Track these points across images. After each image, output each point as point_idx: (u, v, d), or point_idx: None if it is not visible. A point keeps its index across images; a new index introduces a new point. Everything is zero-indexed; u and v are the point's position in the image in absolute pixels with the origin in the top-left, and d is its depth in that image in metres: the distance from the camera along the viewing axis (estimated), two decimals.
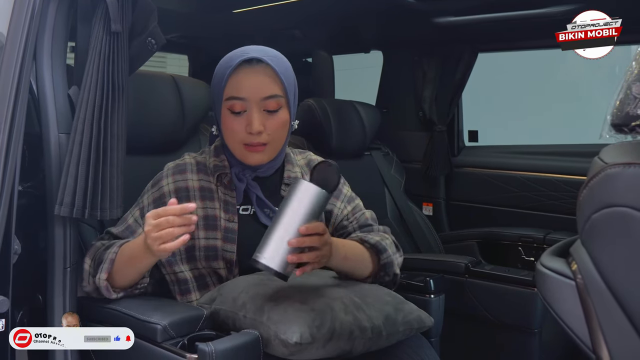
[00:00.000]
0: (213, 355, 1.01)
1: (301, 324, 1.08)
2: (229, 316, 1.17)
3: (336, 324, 1.11)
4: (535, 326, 1.76)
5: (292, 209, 1.08)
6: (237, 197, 1.33)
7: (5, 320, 1.14)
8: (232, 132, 1.30)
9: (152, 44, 1.27)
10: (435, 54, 2.61)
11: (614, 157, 0.64)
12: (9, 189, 1.14)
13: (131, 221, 1.32)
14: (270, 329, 1.09)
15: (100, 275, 1.19)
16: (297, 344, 1.06)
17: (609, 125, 0.71)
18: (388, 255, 1.32)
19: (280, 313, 1.10)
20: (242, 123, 1.28)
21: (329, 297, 1.17)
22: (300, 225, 1.07)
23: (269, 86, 1.28)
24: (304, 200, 1.08)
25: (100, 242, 1.29)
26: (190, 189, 1.33)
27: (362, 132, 2.39)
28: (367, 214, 1.45)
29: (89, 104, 1.19)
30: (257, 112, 1.27)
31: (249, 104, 1.27)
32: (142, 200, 1.34)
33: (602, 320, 0.63)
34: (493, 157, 2.62)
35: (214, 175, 1.35)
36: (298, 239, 1.07)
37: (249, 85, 1.27)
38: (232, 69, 1.27)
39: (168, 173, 1.35)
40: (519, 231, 2.27)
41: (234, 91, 1.28)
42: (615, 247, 0.62)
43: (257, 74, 1.28)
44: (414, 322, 1.26)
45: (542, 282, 0.71)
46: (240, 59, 1.27)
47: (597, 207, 0.62)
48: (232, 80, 1.28)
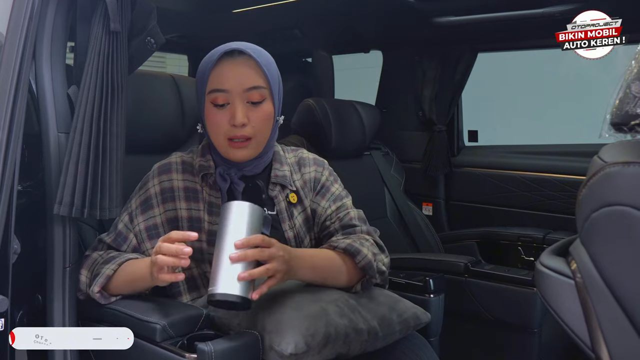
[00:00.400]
0: (212, 355, 1.01)
1: (295, 333, 1.07)
2: (224, 323, 1.17)
3: (331, 329, 1.10)
4: (535, 326, 1.76)
5: (229, 231, 1.06)
6: (222, 197, 1.31)
7: (5, 319, 1.14)
8: (215, 126, 1.27)
9: (152, 44, 1.27)
10: (435, 54, 2.61)
11: (614, 156, 0.64)
12: (8, 188, 1.14)
13: (121, 227, 1.30)
14: (265, 339, 1.09)
15: (94, 288, 1.20)
16: (292, 355, 1.05)
17: (608, 124, 0.71)
18: (363, 256, 1.24)
19: (274, 323, 1.09)
20: (226, 116, 1.26)
21: (324, 301, 1.16)
22: None
23: (252, 77, 1.26)
24: (237, 219, 1.06)
25: (96, 253, 1.28)
26: (175, 189, 1.32)
27: (362, 132, 2.39)
28: (352, 213, 1.38)
29: (88, 103, 1.19)
30: (240, 104, 1.25)
31: (232, 96, 1.25)
32: (130, 205, 1.33)
33: (601, 319, 0.62)
34: (493, 157, 2.62)
35: (199, 175, 1.33)
36: (238, 254, 1.04)
37: (231, 76, 1.25)
38: (214, 62, 1.25)
39: (154, 174, 1.34)
40: (519, 231, 2.27)
41: (217, 84, 1.26)
42: (614, 246, 0.62)
43: (239, 65, 1.26)
44: (410, 320, 1.26)
45: (542, 281, 0.71)
46: (222, 52, 1.26)
47: (596, 206, 0.62)
48: (214, 73, 1.26)
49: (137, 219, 1.30)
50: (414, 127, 2.73)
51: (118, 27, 1.20)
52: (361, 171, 2.42)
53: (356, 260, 1.24)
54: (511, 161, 2.55)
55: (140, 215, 1.30)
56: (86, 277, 1.24)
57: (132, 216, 1.31)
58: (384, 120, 2.61)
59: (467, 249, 2.37)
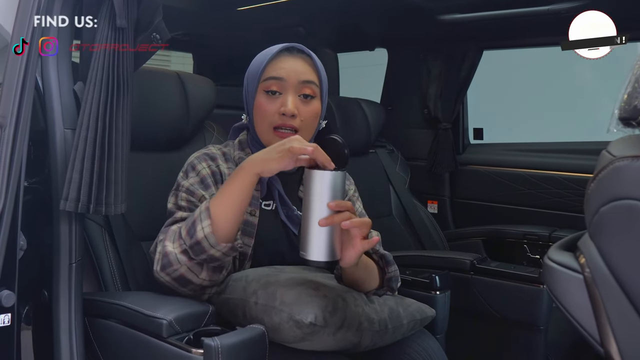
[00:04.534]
0: (219, 350, 1.01)
1: (315, 306, 1.08)
2: (239, 305, 1.17)
3: (347, 313, 1.12)
4: (541, 323, 1.76)
5: (315, 200, 1.06)
6: (261, 189, 1.33)
7: (12, 314, 1.14)
8: (264, 113, 1.29)
9: (157, 39, 1.27)
10: (440, 52, 2.61)
11: (623, 150, 0.63)
12: (15, 184, 1.14)
13: (184, 203, 1.26)
14: (283, 311, 1.09)
15: (204, 223, 1.11)
16: (311, 324, 1.06)
17: (616, 119, 0.71)
18: (395, 270, 1.28)
19: (294, 296, 1.10)
20: (276, 105, 1.28)
21: (339, 289, 1.17)
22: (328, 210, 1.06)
23: (308, 72, 1.31)
24: (323, 188, 1.06)
25: (175, 225, 1.22)
26: (222, 174, 1.32)
27: (367, 129, 2.39)
28: (373, 233, 1.37)
29: (94, 100, 1.19)
30: (292, 95, 1.28)
31: (286, 86, 1.29)
32: (182, 185, 1.29)
33: (610, 313, 0.62)
34: (498, 154, 2.62)
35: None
36: (327, 218, 1.04)
37: (289, 67, 1.29)
38: (274, 54, 1.30)
39: (199, 160, 1.33)
40: (524, 229, 2.27)
41: (273, 72, 1.29)
42: (623, 240, 0.61)
43: (297, 59, 1.31)
44: (416, 314, 1.28)
45: (550, 276, 0.71)
46: (282, 47, 1.31)
47: (605, 200, 0.62)
48: (272, 63, 1.30)
49: (198, 192, 1.27)
50: (419, 125, 2.73)
51: (124, 23, 1.20)
52: (366, 169, 2.42)
53: (388, 270, 1.27)
54: (517, 159, 2.54)
55: (201, 190, 1.28)
56: (173, 248, 1.15)
57: (191, 191, 1.27)
58: (389, 118, 2.60)
59: (473, 246, 2.37)
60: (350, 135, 2.27)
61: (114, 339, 1.23)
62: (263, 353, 1.08)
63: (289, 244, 1.33)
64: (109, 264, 1.40)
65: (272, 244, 1.31)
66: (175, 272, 1.15)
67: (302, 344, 1.11)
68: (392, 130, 2.67)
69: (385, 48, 2.83)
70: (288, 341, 1.11)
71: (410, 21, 2.41)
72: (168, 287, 1.19)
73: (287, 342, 1.12)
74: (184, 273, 1.15)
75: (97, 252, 1.40)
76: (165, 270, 1.15)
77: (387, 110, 2.64)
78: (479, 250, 2.34)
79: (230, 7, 2.38)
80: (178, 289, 1.17)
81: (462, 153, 2.70)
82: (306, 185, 1.08)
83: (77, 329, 1.24)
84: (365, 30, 2.67)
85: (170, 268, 1.15)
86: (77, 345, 1.23)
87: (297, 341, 1.10)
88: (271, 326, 1.11)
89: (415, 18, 2.36)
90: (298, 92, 1.29)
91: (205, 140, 1.70)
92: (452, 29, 2.41)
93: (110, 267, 1.40)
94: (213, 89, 1.73)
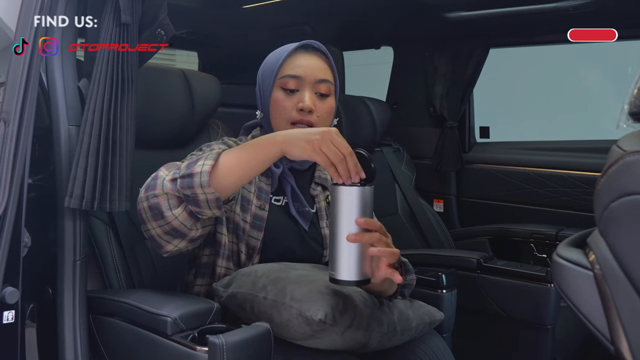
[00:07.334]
0: (224, 348, 1.00)
1: (326, 304, 1.07)
2: (247, 299, 1.16)
3: (357, 313, 1.11)
4: (548, 322, 1.74)
5: (343, 217, 1.05)
6: (272, 184, 1.33)
7: (15, 311, 1.14)
8: (281, 109, 1.30)
9: (162, 35, 1.26)
10: (447, 50, 2.60)
11: (633, 145, 0.62)
12: (19, 181, 1.14)
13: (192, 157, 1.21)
14: (293, 307, 1.08)
15: (206, 162, 1.07)
16: (321, 321, 1.06)
17: (626, 114, 0.70)
18: (413, 278, 1.27)
19: (304, 293, 1.10)
20: (293, 101, 1.29)
21: (350, 289, 1.16)
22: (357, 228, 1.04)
23: (324, 70, 1.32)
24: (352, 205, 1.04)
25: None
26: None
27: (373, 128, 2.38)
28: None
29: (98, 96, 1.18)
30: (309, 92, 1.30)
31: (304, 83, 1.30)
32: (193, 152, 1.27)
33: (621, 310, 0.61)
34: (504, 153, 2.61)
35: None
36: (356, 235, 1.03)
37: (305, 65, 1.31)
38: (290, 52, 1.31)
39: (216, 142, 1.32)
40: (531, 228, 2.26)
41: (290, 70, 1.30)
42: (634, 236, 0.60)
43: (313, 58, 1.32)
44: (424, 316, 1.27)
45: (559, 273, 0.70)
46: (298, 44, 1.32)
47: (616, 195, 0.61)
48: (288, 61, 1.31)
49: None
50: (425, 124, 2.72)
51: (129, 19, 1.20)
52: None
53: (406, 278, 1.25)
54: (523, 157, 2.53)
55: None
56: (164, 173, 1.11)
57: (202, 150, 1.25)
58: (395, 116, 2.60)
59: (479, 245, 2.36)
60: (355, 133, 2.27)
61: (118, 336, 1.22)
62: (268, 351, 1.07)
63: (300, 240, 1.33)
64: (113, 261, 1.40)
65: (282, 239, 1.31)
66: (154, 197, 1.09)
67: (310, 342, 1.10)
68: (398, 129, 2.67)
69: (391, 46, 2.82)
70: (296, 338, 1.11)
71: (417, 19, 2.40)
72: (152, 243, 1.15)
73: (294, 338, 1.11)
74: (160, 201, 1.08)
75: (101, 250, 1.39)
76: (146, 192, 1.10)
77: (393, 108, 2.64)
78: (485, 249, 2.33)
79: (235, 5, 2.37)
80: (147, 223, 1.11)
81: (468, 152, 2.69)
82: (333, 202, 1.06)
83: (81, 327, 1.23)
84: (371, 28, 2.67)
85: (152, 192, 1.09)
86: (81, 342, 1.23)
87: (305, 338, 1.09)
88: (279, 322, 1.10)
89: (421, 15, 2.36)
90: (314, 90, 1.31)
91: (210, 138, 1.70)
92: (458, 27, 2.40)
93: (114, 265, 1.39)
94: (218, 86, 1.72)
